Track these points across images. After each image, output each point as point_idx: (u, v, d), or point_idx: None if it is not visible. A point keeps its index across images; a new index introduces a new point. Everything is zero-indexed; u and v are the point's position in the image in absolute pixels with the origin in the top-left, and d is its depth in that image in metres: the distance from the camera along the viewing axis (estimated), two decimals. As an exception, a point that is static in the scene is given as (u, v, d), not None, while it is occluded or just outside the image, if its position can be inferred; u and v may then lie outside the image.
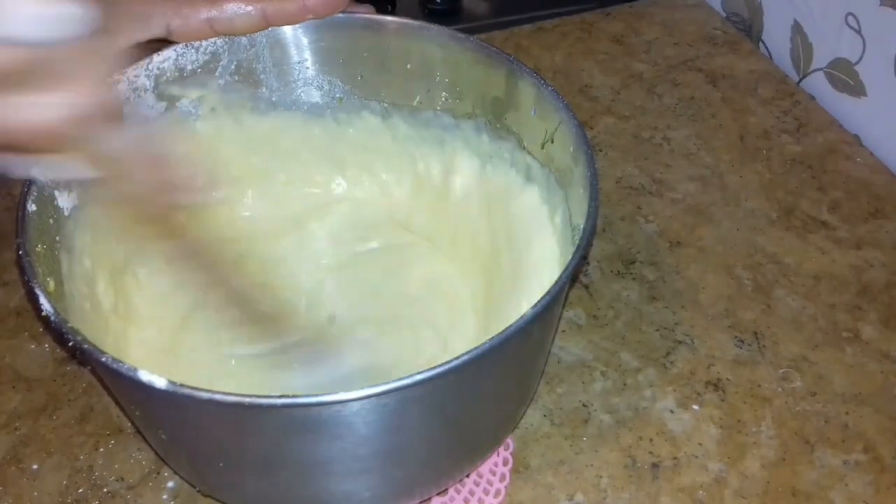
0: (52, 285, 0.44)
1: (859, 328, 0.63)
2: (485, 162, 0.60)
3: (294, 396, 0.36)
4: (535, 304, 0.40)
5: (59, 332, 0.40)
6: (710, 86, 0.84)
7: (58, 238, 0.47)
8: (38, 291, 0.41)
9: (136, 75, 0.53)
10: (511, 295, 0.54)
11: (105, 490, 0.53)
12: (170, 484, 0.53)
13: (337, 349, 0.53)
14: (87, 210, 0.51)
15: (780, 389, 0.59)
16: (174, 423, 0.44)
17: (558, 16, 0.92)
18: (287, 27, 0.57)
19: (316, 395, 0.37)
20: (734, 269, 0.67)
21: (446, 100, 0.59)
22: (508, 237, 0.60)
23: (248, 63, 0.58)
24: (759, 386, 0.59)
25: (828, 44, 0.82)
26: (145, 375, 0.37)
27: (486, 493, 0.53)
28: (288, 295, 0.58)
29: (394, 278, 0.60)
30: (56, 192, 0.48)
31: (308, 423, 0.39)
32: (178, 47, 0.55)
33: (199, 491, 0.52)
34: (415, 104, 0.60)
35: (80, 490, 0.53)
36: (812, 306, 0.64)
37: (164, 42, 0.53)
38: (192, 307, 0.56)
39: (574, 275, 0.54)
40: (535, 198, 0.57)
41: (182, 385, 0.37)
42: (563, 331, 0.62)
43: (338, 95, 0.61)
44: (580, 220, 0.47)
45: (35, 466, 0.54)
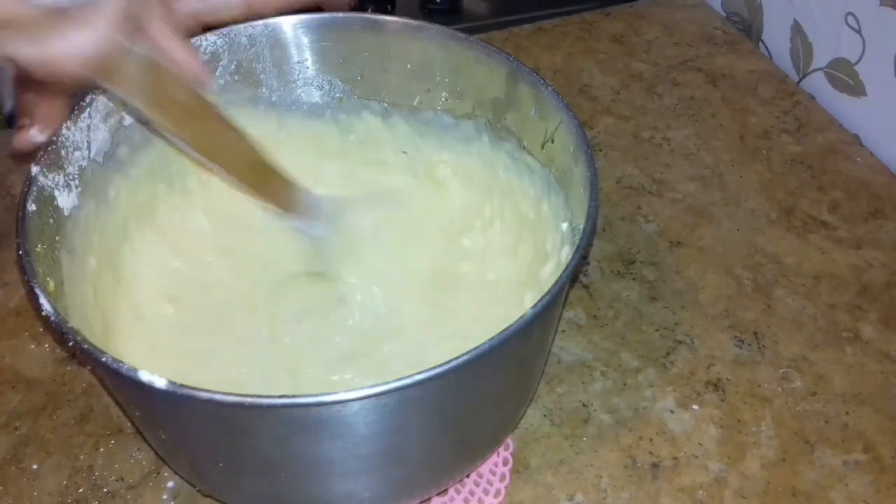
0: (52, 285, 0.44)
1: (859, 328, 0.63)
2: (485, 162, 0.60)
3: (294, 396, 0.36)
4: (535, 304, 0.40)
5: (59, 332, 0.40)
6: (710, 86, 0.84)
7: (58, 238, 0.47)
8: (38, 291, 0.41)
9: (136, 75, 0.53)
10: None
11: (105, 490, 0.53)
12: (170, 484, 0.53)
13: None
14: (87, 210, 0.51)
15: (780, 389, 0.59)
16: (174, 423, 0.44)
17: (558, 16, 0.92)
18: (288, 27, 0.58)
19: (316, 395, 0.37)
20: (734, 269, 0.67)
21: (446, 100, 0.59)
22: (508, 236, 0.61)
23: (248, 63, 0.58)
24: (759, 386, 0.59)
25: (828, 44, 0.82)
26: (145, 375, 0.37)
27: (486, 493, 0.53)
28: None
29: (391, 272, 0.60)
30: (56, 192, 0.48)
31: (308, 423, 0.40)
32: (179, 47, 0.55)
33: (199, 491, 0.52)
34: (415, 104, 0.60)
35: (80, 490, 0.53)
36: (812, 306, 0.64)
37: None
38: (194, 305, 0.56)
39: (574, 275, 0.54)
40: (534, 198, 0.57)
41: (182, 385, 0.37)
42: (563, 331, 0.62)
43: (338, 95, 0.61)
44: (580, 220, 0.47)
45: (35, 466, 0.54)
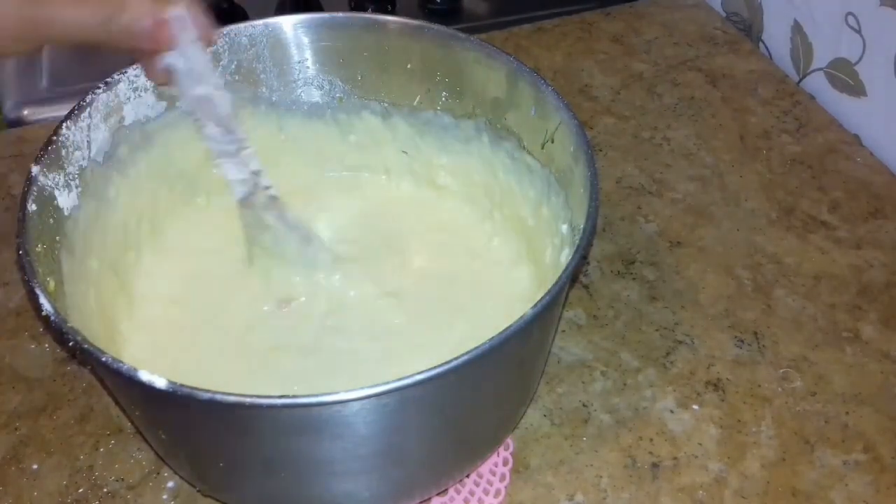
0: (52, 285, 0.44)
1: (859, 328, 0.63)
2: (485, 162, 0.60)
3: (294, 396, 0.36)
4: (535, 304, 0.40)
5: (59, 332, 0.40)
6: (710, 86, 0.84)
7: (58, 238, 0.47)
8: (38, 291, 0.41)
9: (136, 75, 0.53)
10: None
11: (105, 490, 0.53)
12: (170, 484, 0.53)
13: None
14: (87, 209, 0.51)
15: (780, 389, 0.59)
16: (174, 423, 0.44)
17: (558, 16, 0.92)
18: (288, 27, 0.58)
19: (316, 395, 0.37)
20: (734, 269, 0.67)
21: (446, 100, 0.59)
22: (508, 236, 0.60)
23: (249, 63, 0.58)
24: (759, 386, 0.59)
25: (828, 44, 0.82)
26: (145, 375, 0.37)
27: (486, 493, 0.53)
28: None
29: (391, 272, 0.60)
30: (56, 192, 0.48)
31: (308, 423, 0.40)
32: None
33: (199, 491, 0.52)
34: (415, 104, 0.60)
35: (80, 490, 0.53)
36: (812, 306, 0.64)
37: None
38: (195, 306, 0.56)
39: (574, 275, 0.54)
40: (534, 198, 0.57)
41: (182, 385, 0.37)
42: (563, 331, 0.62)
43: (338, 95, 0.61)
44: (580, 220, 0.47)
45: (35, 466, 0.54)
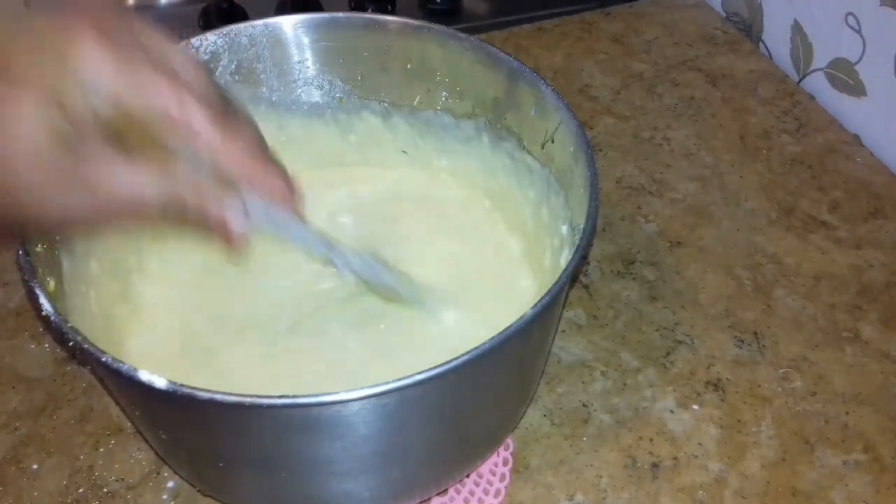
0: (52, 285, 0.44)
1: (859, 328, 0.63)
2: (485, 162, 0.60)
3: (294, 396, 0.36)
4: (535, 304, 0.40)
5: (59, 332, 0.40)
6: (710, 86, 0.84)
7: (58, 238, 0.47)
8: (38, 291, 0.41)
9: (136, 75, 0.53)
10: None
11: (105, 490, 0.53)
12: (170, 484, 0.53)
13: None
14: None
15: (780, 389, 0.59)
16: (174, 423, 0.44)
17: (558, 16, 0.92)
18: (288, 27, 0.58)
19: (316, 395, 0.37)
20: (734, 269, 0.67)
21: (446, 100, 0.59)
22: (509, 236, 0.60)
23: (249, 63, 0.58)
24: (759, 386, 0.59)
25: (828, 44, 0.82)
26: (145, 375, 0.37)
27: (486, 493, 0.53)
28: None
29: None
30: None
31: (308, 423, 0.39)
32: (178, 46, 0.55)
33: (199, 491, 0.52)
34: (415, 104, 0.60)
35: (80, 490, 0.53)
36: (812, 306, 0.64)
37: None
38: (196, 307, 0.56)
39: (574, 275, 0.54)
40: (534, 198, 0.57)
41: (182, 385, 0.37)
42: (563, 331, 0.62)
43: (338, 95, 0.61)
44: (580, 220, 0.47)
45: (35, 466, 0.54)
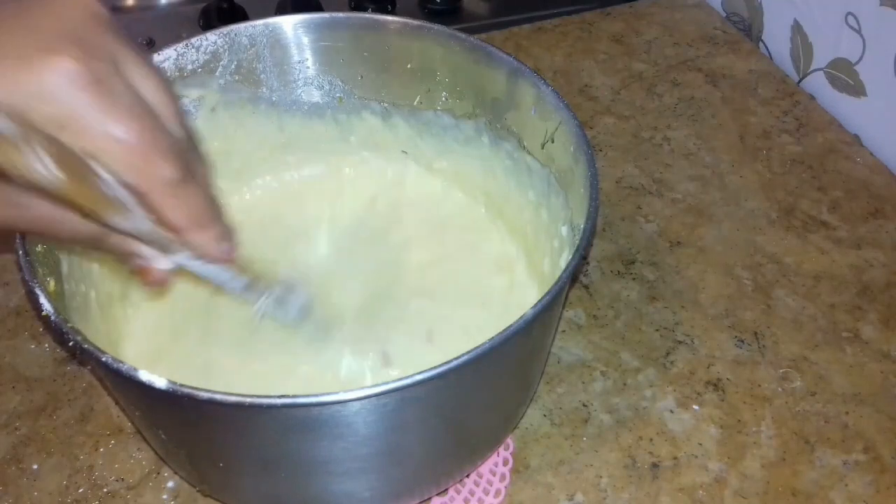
0: (52, 285, 0.44)
1: (859, 328, 0.63)
2: (485, 162, 0.60)
3: (294, 396, 0.36)
4: (535, 304, 0.40)
5: (59, 332, 0.40)
6: (710, 86, 0.84)
7: (58, 238, 0.47)
8: (38, 291, 0.41)
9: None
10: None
11: (105, 490, 0.53)
12: (170, 484, 0.53)
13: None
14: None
15: (780, 389, 0.59)
16: (174, 423, 0.44)
17: (558, 16, 0.92)
18: (288, 27, 0.58)
19: (316, 395, 0.37)
20: (734, 269, 0.67)
21: (446, 100, 0.59)
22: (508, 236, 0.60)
23: (249, 63, 0.58)
24: (759, 386, 0.59)
25: (828, 44, 0.82)
26: (145, 375, 0.37)
27: (486, 493, 0.53)
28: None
29: (391, 274, 0.60)
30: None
31: (308, 423, 0.39)
32: (179, 46, 0.55)
33: (199, 491, 0.52)
34: (415, 104, 0.60)
35: (80, 490, 0.53)
36: (812, 306, 0.64)
37: None
38: (197, 308, 0.56)
39: (574, 275, 0.54)
40: (534, 199, 0.57)
41: (182, 385, 0.37)
42: (563, 331, 0.62)
43: (338, 95, 0.61)
44: (580, 220, 0.47)
45: (35, 466, 0.54)
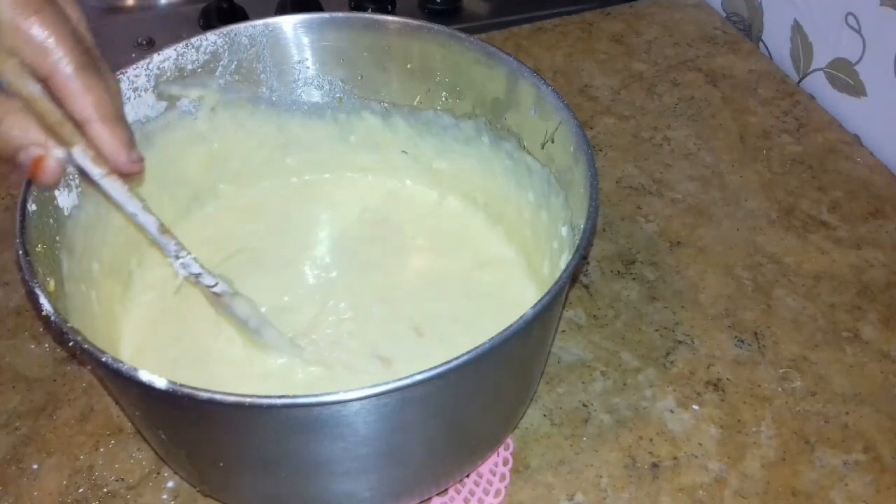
0: (52, 285, 0.44)
1: (859, 328, 0.63)
2: (485, 162, 0.60)
3: (294, 396, 0.36)
4: (535, 304, 0.40)
5: (59, 332, 0.40)
6: (710, 86, 0.84)
7: (58, 238, 0.47)
8: (38, 291, 0.41)
9: (136, 75, 0.53)
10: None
11: (105, 490, 0.53)
12: (170, 484, 0.53)
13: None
14: (87, 210, 0.51)
15: (780, 389, 0.59)
16: (174, 423, 0.44)
17: (558, 16, 0.92)
18: (288, 27, 0.58)
19: (316, 395, 0.37)
20: (734, 269, 0.67)
21: (446, 100, 0.59)
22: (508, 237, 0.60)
23: (249, 63, 0.58)
24: (759, 386, 0.59)
25: (828, 44, 0.82)
26: (145, 375, 0.37)
27: (486, 493, 0.53)
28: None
29: (391, 274, 0.60)
30: (56, 192, 0.48)
31: (308, 423, 0.39)
32: (179, 46, 0.55)
33: (199, 491, 0.52)
34: (415, 104, 0.60)
35: (80, 490, 0.53)
36: (812, 306, 0.64)
37: None
38: (195, 308, 0.56)
39: (574, 275, 0.54)
40: (534, 200, 0.57)
41: (182, 385, 0.37)
42: (563, 331, 0.62)
43: (338, 95, 0.61)
44: (580, 220, 0.47)
45: (35, 466, 0.54)
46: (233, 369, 0.53)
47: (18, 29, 0.37)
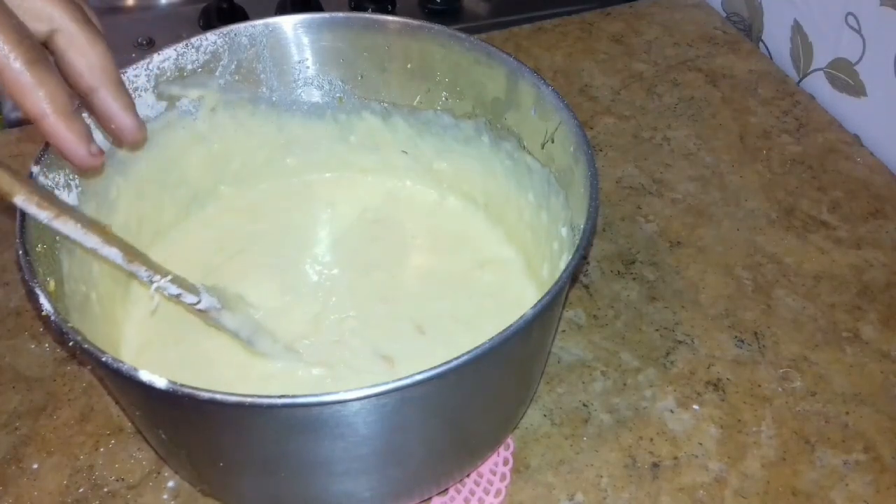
0: (52, 285, 0.44)
1: (859, 328, 0.63)
2: (485, 162, 0.60)
3: (294, 396, 0.36)
4: (535, 304, 0.40)
5: (59, 332, 0.40)
6: (710, 86, 0.84)
7: (58, 238, 0.47)
8: (38, 291, 0.41)
9: (136, 75, 0.53)
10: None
11: (105, 490, 0.53)
12: (170, 484, 0.53)
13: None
14: (87, 210, 0.51)
15: (780, 389, 0.59)
16: (174, 423, 0.44)
17: (558, 16, 0.92)
18: (288, 27, 0.58)
19: (316, 395, 0.37)
20: (734, 269, 0.67)
21: (446, 100, 0.59)
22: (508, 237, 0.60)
23: (249, 63, 0.58)
24: (759, 386, 0.59)
25: (828, 44, 0.82)
26: (145, 375, 0.37)
27: (487, 493, 0.53)
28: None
29: (392, 274, 0.60)
30: (56, 192, 0.48)
31: (308, 423, 0.40)
32: (179, 46, 0.55)
33: (199, 491, 0.52)
34: (415, 104, 0.60)
35: (80, 490, 0.53)
36: (812, 306, 0.64)
37: None
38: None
39: (574, 275, 0.54)
40: (534, 200, 0.57)
41: (182, 385, 0.37)
42: (563, 331, 0.62)
43: (338, 95, 0.61)
44: (580, 220, 0.47)
45: (35, 466, 0.54)
46: (234, 371, 0.53)
47: None
